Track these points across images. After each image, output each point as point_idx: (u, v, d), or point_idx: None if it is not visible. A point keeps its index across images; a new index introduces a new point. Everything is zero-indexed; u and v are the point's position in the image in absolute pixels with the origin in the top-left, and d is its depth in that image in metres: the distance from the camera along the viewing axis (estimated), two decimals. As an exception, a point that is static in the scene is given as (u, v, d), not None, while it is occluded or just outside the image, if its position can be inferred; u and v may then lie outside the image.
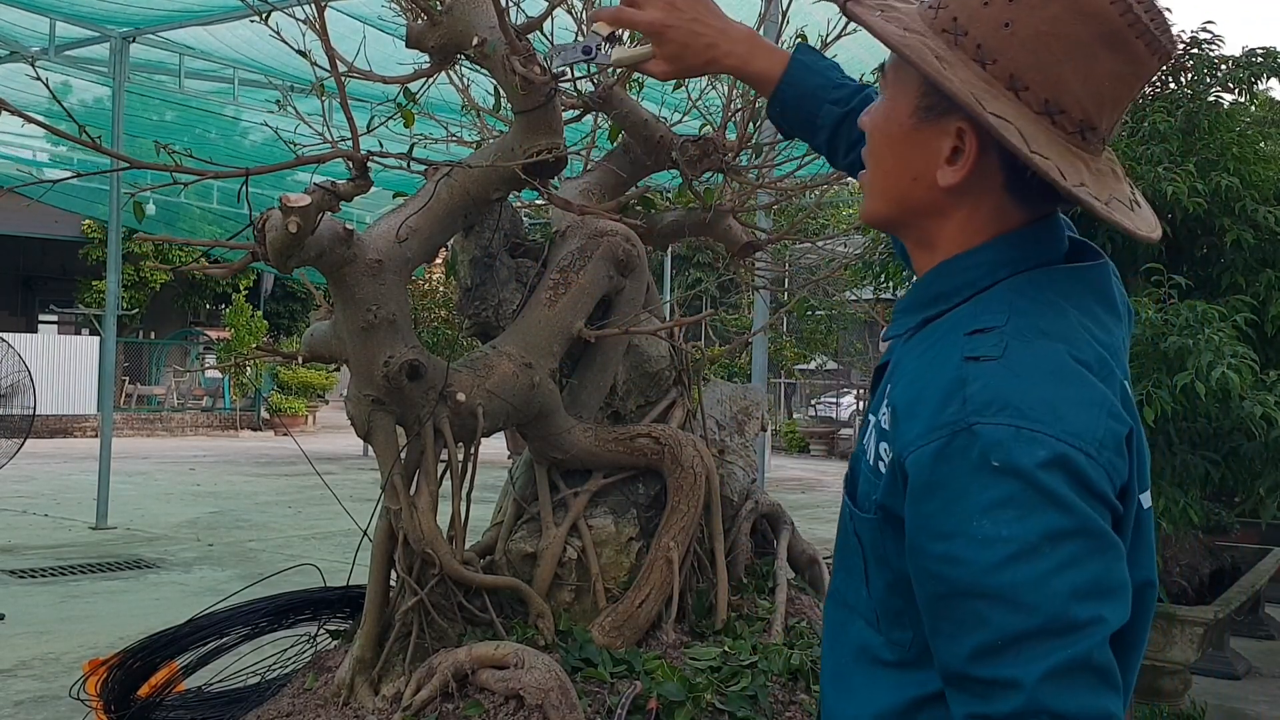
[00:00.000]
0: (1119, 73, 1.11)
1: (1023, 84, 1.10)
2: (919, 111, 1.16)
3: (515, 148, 2.33)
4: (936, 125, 1.14)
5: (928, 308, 1.20)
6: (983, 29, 1.11)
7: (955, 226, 1.18)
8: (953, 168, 1.14)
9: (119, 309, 11.42)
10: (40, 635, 5.88)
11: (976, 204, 1.16)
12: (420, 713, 2.22)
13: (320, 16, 2.13)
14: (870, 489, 1.13)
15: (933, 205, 1.18)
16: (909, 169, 1.18)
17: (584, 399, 2.72)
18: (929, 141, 1.15)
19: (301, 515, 10.68)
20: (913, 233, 1.24)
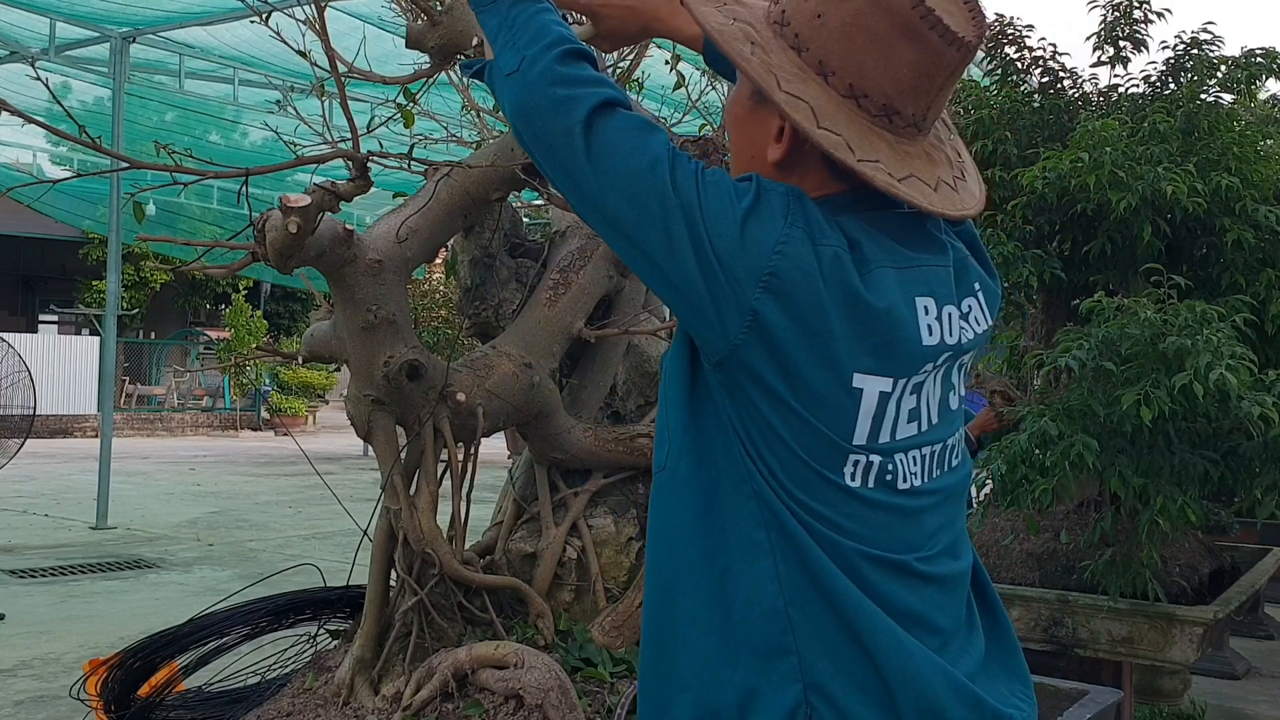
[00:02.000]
0: (917, 61, 1.21)
1: (830, 70, 1.21)
2: (754, 95, 1.27)
3: (515, 148, 2.33)
4: (766, 107, 1.25)
5: None
6: (800, 21, 1.23)
7: None
8: (778, 145, 1.25)
9: (119, 309, 11.41)
10: (40, 635, 5.88)
11: (803, 176, 1.25)
12: (420, 712, 2.22)
13: (320, 16, 2.13)
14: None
15: (770, 177, 1.25)
16: (749, 146, 1.30)
17: (584, 399, 2.72)
18: (763, 121, 1.26)
19: (301, 515, 10.68)
20: None
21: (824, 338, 1.14)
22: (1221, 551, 4.16)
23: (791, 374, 1.14)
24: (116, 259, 10.43)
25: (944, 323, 1.24)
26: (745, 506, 1.19)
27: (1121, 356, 3.16)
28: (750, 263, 1.14)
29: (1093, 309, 3.39)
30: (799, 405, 1.15)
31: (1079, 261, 4.04)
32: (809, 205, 1.19)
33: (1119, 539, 3.50)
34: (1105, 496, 3.75)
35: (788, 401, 1.15)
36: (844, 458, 1.17)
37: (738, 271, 1.14)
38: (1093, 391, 3.22)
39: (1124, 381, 3.13)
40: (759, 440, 1.17)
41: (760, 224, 1.15)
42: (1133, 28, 4.22)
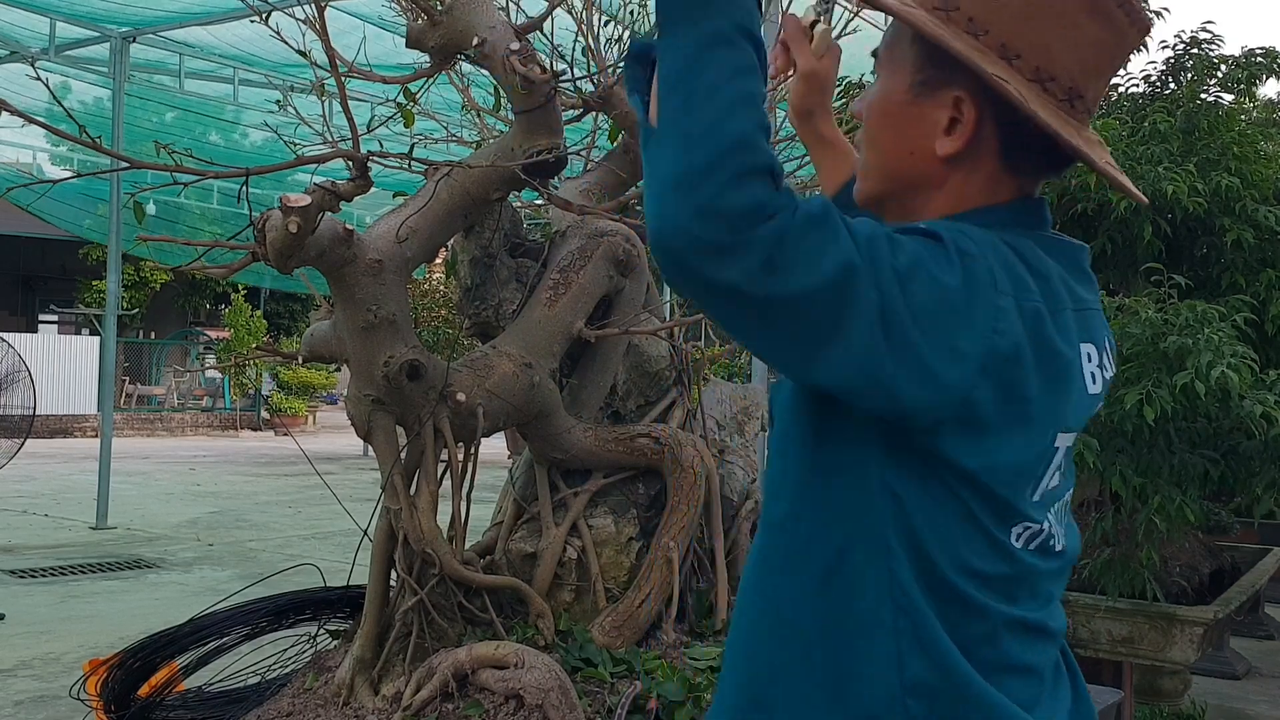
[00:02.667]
0: (1102, 40, 1.16)
1: (1014, 52, 1.14)
2: (914, 87, 1.19)
3: (515, 148, 2.33)
4: (933, 99, 1.18)
5: None
6: (972, 3, 1.15)
7: (945, 197, 1.20)
8: (950, 137, 1.17)
9: (119, 309, 11.41)
10: (40, 635, 5.88)
11: (970, 173, 1.19)
12: (420, 713, 2.22)
13: (320, 16, 2.13)
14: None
15: (928, 177, 1.20)
16: (906, 143, 1.21)
17: (584, 399, 2.72)
18: (926, 115, 1.18)
19: (301, 515, 10.68)
20: (900, 208, 1.25)
21: (1025, 402, 1.06)
22: (1221, 551, 4.16)
23: (989, 444, 1.05)
24: (116, 259, 10.43)
25: (1100, 371, 1.18)
26: (876, 578, 1.08)
27: (1122, 356, 3.16)
28: (967, 363, 1.02)
29: (1093, 309, 3.38)
30: (989, 475, 1.06)
31: (1079, 261, 4.03)
32: (1004, 254, 1.09)
33: (1119, 539, 3.50)
34: (1106, 496, 3.75)
35: (975, 470, 1.05)
36: (1017, 519, 1.10)
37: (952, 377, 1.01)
38: (1093, 391, 3.22)
39: (1125, 381, 3.13)
40: (922, 503, 1.07)
41: (973, 308, 1.03)
42: (1133, 27, 4.21)
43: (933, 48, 1.16)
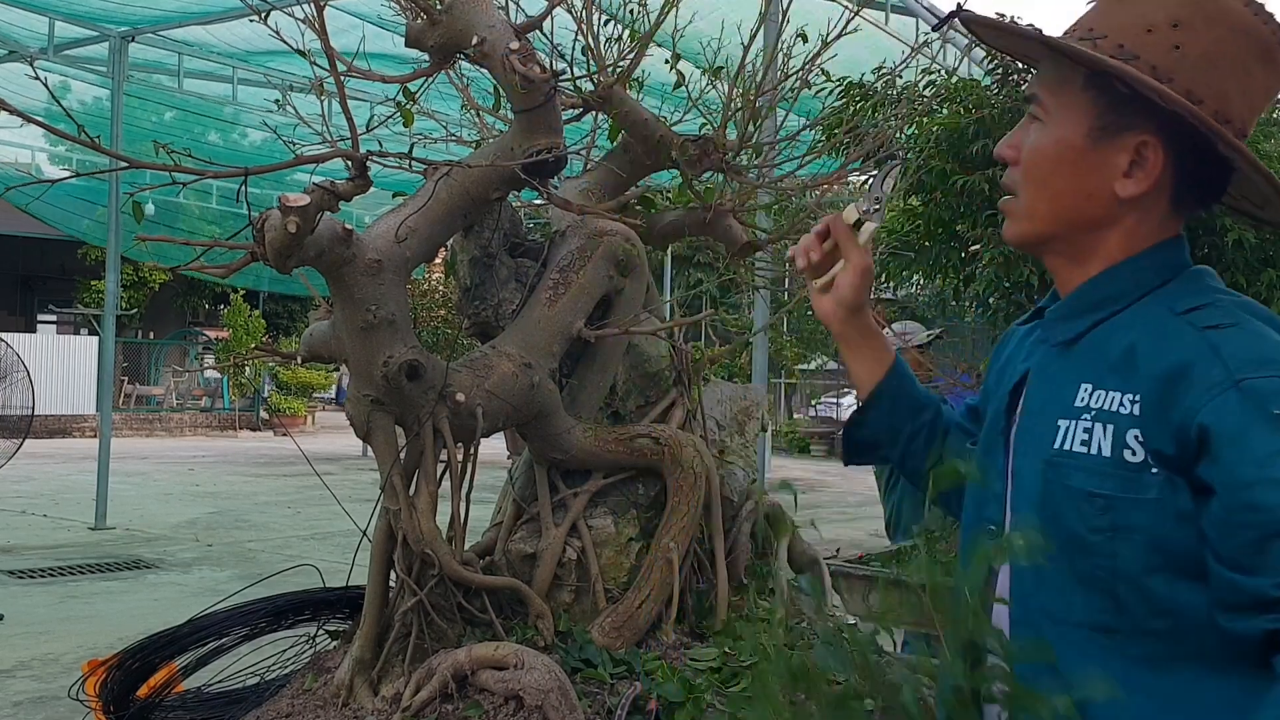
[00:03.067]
0: (1268, 85, 1.28)
1: (1198, 98, 1.22)
2: (1093, 133, 1.27)
3: (515, 147, 2.33)
4: (1113, 143, 1.26)
5: (1094, 311, 1.31)
6: (1153, 53, 1.23)
7: (1119, 236, 1.30)
8: (1131, 180, 1.26)
9: (118, 309, 11.41)
10: (39, 635, 5.88)
11: (1145, 213, 1.29)
12: (420, 713, 2.21)
13: (320, 16, 2.12)
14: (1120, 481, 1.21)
15: (1105, 218, 1.30)
16: (1083, 187, 1.29)
17: (584, 399, 2.71)
18: (1106, 159, 1.27)
19: (301, 515, 10.68)
20: (1068, 248, 1.34)
21: None
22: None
23: None
24: (115, 259, 10.42)
25: None
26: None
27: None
28: None
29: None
30: None
31: (1080, 261, 4.03)
32: None
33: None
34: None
35: None
36: None
37: None
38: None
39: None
40: None
41: None
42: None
43: (1114, 94, 1.25)
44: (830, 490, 14.83)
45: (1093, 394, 1.25)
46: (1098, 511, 1.22)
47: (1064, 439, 1.27)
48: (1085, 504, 1.23)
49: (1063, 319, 1.35)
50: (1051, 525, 1.26)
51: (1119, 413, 1.22)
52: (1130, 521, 1.20)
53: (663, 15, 2.63)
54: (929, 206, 4.46)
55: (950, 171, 4.18)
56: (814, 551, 3.13)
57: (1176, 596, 1.19)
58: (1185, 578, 1.18)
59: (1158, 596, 1.20)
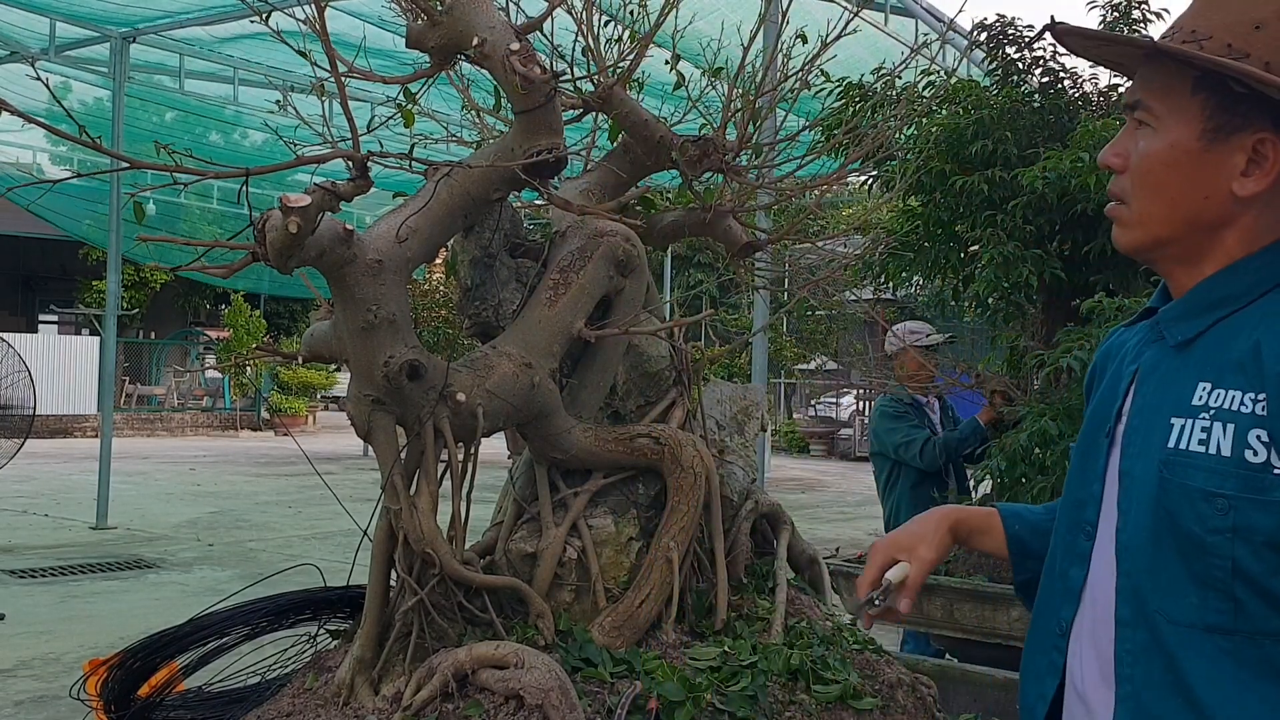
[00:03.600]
0: None
1: None
2: (1206, 134, 1.28)
3: (515, 148, 2.33)
4: (1227, 144, 1.27)
5: (1213, 311, 1.31)
6: (1265, 49, 1.23)
7: (1236, 235, 1.30)
8: (1250, 178, 1.27)
9: (119, 309, 11.41)
10: (40, 635, 5.88)
11: (1264, 208, 1.29)
12: (420, 713, 2.22)
13: (320, 17, 2.13)
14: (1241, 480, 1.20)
15: (1222, 217, 1.30)
16: (1200, 189, 1.29)
17: (584, 399, 2.72)
18: (1222, 160, 1.28)
19: (301, 515, 10.68)
20: (1184, 250, 1.34)
21: None
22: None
23: None
24: (116, 259, 10.43)
25: None
26: None
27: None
28: None
29: (1093, 309, 3.39)
30: None
31: (1079, 262, 4.04)
32: None
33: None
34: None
35: None
36: None
37: None
38: (1093, 391, 3.22)
39: (1124, 381, 3.12)
40: None
41: None
42: (1132, 28, 4.22)
43: (1226, 95, 1.25)
44: (829, 490, 14.83)
45: (1212, 393, 1.24)
46: (1218, 512, 1.21)
47: (1180, 438, 1.26)
48: (1204, 504, 1.22)
49: (1179, 319, 1.35)
50: (1167, 525, 1.26)
51: (1240, 411, 1.21)
52: (1252, 522, 1.19)
53: (663, 16, 2.64)
54: (928, 207, 4.46)
55: (949, 172, 4.18)
56: (813, 551, 3.13)
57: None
58: None
59: (1277, 596, 1.20)
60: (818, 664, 2.50)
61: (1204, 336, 1.30)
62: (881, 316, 6.12)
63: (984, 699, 2.98)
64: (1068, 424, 3.23)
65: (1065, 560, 1.44)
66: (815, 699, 2.41)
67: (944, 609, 3.74)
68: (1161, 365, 1.34)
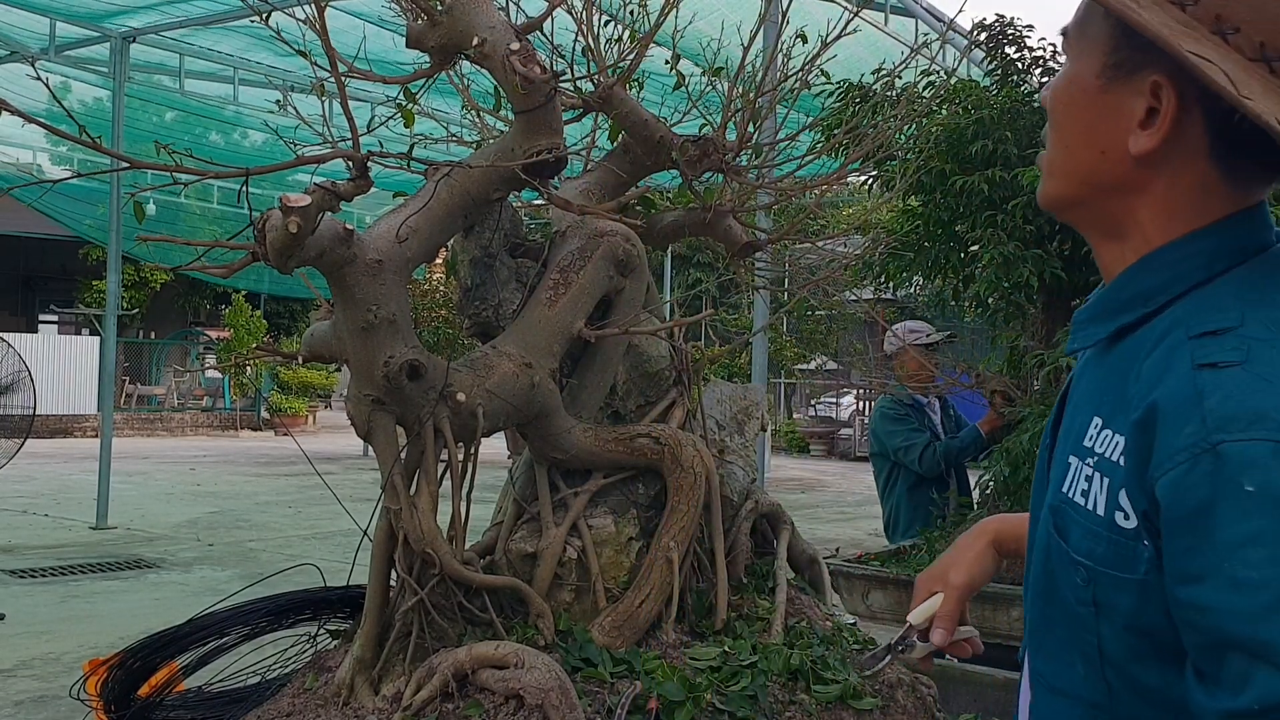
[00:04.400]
0: None
1: (1231, 25, 0.94)
2: (1106, 70, 1.03)
3: (515, 148, 2.33)
4: (1127, 84, 1.01)
5: (1123, 313, 1.05)
6: None
7: (1152, 206, 1.03)
8: (1147, 131, 1.00)
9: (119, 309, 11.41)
10: (40, 635, 5.88)
11: (1176, 176, 1.01)
12: (420, 713, 2.22)
13: (320, 16, 2.13)
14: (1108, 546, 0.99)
15: (1124, 180, 1.04)
16: (1096, 139, 1.04)
17: (584, 399, 2.72)
18: (1119, 104, 1.02)
19: (301, 515, 10.68)
20: (1098, 218, 1.09)
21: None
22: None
23: None
24: (116, 259, 10.43)
25: None
26: None
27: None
28: None
29: (1093, 309, 3.38)
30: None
31: (1079, 261, 4.04)
32: None
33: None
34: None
35: None
36: None
37: None
38: (1093, 391, 3.21)
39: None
40: None
41: None
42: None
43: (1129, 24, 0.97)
44: (829, 490, 14.83)
45: (1100, 432, 1.01)
46: (1082, 583, 1.01)
47: (1070, 482, 1.04)
48: (1072, 570, 1.03)
49: (1090, 320, 1.11)
50: (1049, 584, 1.07)
51: (1118, 464, 0.97)
52: (1112, 600, 0.99)
53: (663, 16, 2.64)
54: (928, 207, 4.46)
55: (949, 172, 4.18)
56: (813, 551, 3.13)
57: (1170, 690, 0.96)
58: (1182, 670, 0.94)
59: (1147, 687, 0.99)
60: (818, 664, 2.50)
61: (1118, 348, 1.05)
62: (881, 316, 6.13)
63: (984, 699, 2.99)
64: (1068, 424, 3.23)
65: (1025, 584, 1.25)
66: (815, 699, 2.41)
67: (944, 609, 3.73)
68: (1083, 379, 1.12)
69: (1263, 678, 0.84)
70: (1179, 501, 0.90)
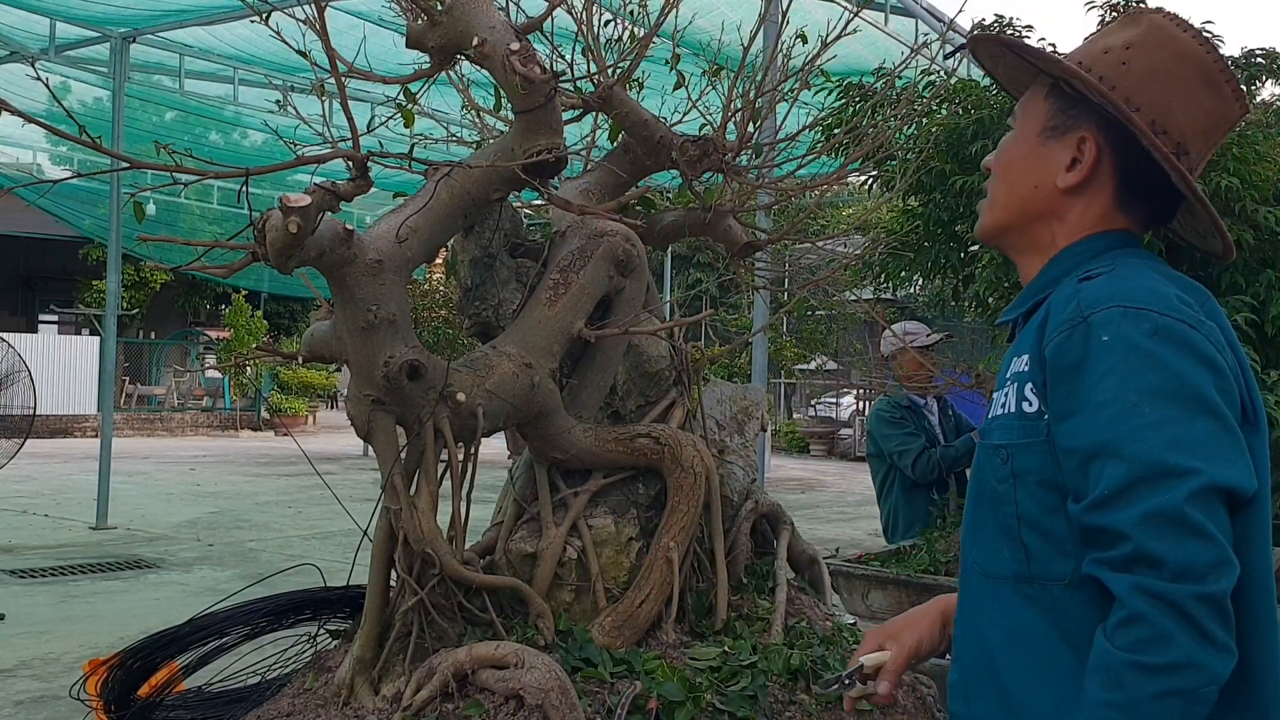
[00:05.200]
0: (1211, 108, 1.39)
1: (1135, 106, 1.37)
2: (1045, 131, 1.45)
3: (515, 148, 2.33)
4: (1059, 141, 1.43)
5: (1040, 293, 1.42)
6: (1104, 67, 1.39)
7: (1067, 228, 1.43)
8: (1071, 172, 1.41)
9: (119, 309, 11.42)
10: (40, 635, 5.88)
11: (1088, 205, 1.42)
12: (420, 713, 2.22)
13: (320, 16, 2.13)
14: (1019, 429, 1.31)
15: (1050, 208, 1.43)
16: (1031, 178, 1.45)
17: (584, 399, 2.72)
18: (1052, 155, 1.43)
19: (301, 515, 10.68)
20: (1024, 239, 1.48)
21: None
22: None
23: None
24: (116, 259, 10.43)
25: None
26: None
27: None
28: None
29: (1093, 309, 3.38)
30: None
31: (1079, 261, 4.03)
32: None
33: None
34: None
35: None
36: None
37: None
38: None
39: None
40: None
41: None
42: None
43: (1065, 100, 1.43)
44: (829, 490, 14.83)
45: (1014, 360, 1.37)
46: (1001, 462, 1.33)
47: (994, 408, 1.40)
48: (994, 457, 1.35)
49: (1019, 302, 1.48)
50: (979, 485, 1.40)
51: (1023, 372, 1.33)
52: (1024, 465, 1.30)
53: (663, 16, 2.64)
54: (928, 207, 4.46)
55: (949, 172, 4.18)
56: (813, 551, 3.13)
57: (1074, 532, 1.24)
58: None
59: (1058, 537, 1.26)
60: (818, 664, 2.50)
61: (1034, 313, 1.41)
62: (881, 316, 6.12)
63: (984, 699, 2.98)
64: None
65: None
66: (815, 699, 2.41)
67: (944, 609, 3.73)
68: (1008, 354, 1.47)
69: (1110, 469, 1.16)
70: (1060, 359, 1.26)
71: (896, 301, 12.73)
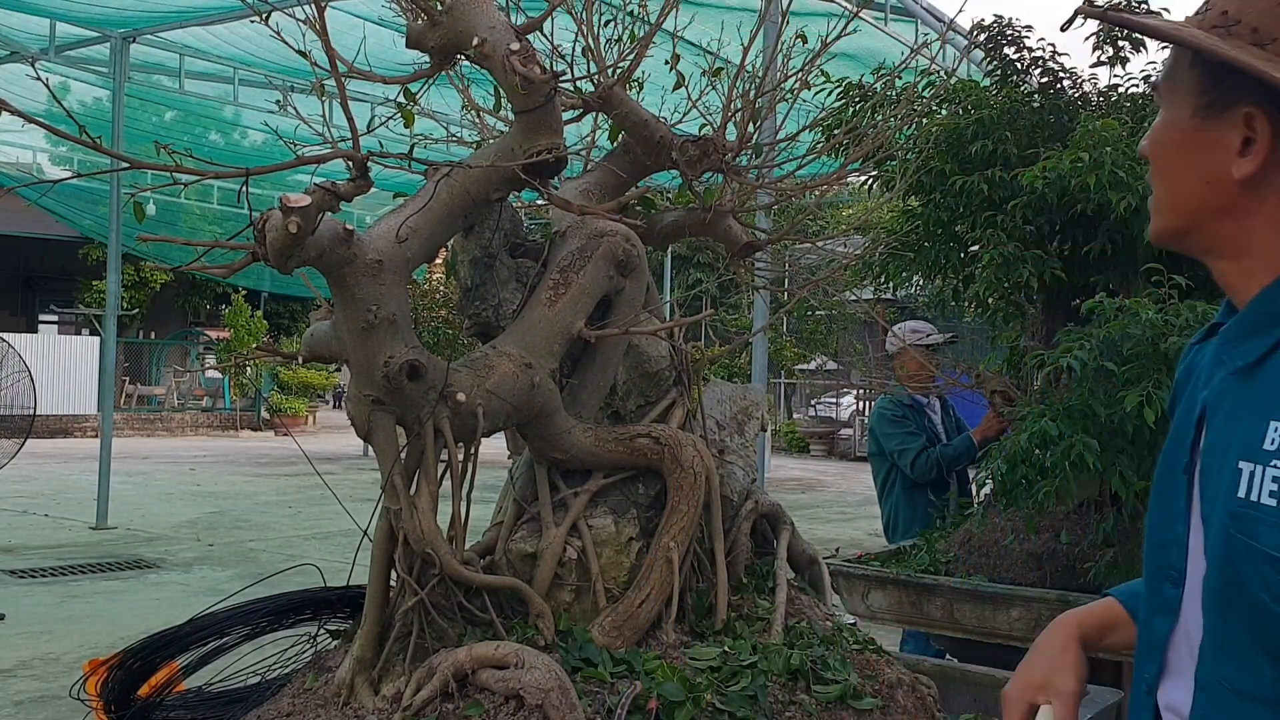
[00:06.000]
0: None
1: None
2: (1200, 111, 1.15)
3: (515, 148, 2.33)
4: (1221, 119, 1.14)
5: (1274, 327, 1.14)
6: (1254, 14, 1.10)
7: (1266, 225, 1.15)
8: (1246, 157, 1.12)
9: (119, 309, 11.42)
10: (40, 635, 5.88)
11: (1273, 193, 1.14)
12: (420, 713, 2.22)
13: (320, 16, 2.13)
14: None
15: (1232, 205, 1.15)
16: (1199, 172, 1.16)
17: (584, 399, 2.72)
18: (1217, 139, 1.14)
19: (301, 515, 10.68)
20: (1213, 242, 1.20)
21: None
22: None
23: None
24: (116, 259, 10.43)
25: None
26: None
27: (1123, 357, 3.16)
28: None
29: (1093, 309, 3.39)
30: None
31: (1079, 262, 4.04)
32: None
33: (1121, 540, 3.50)
34: (1106, 497, 3.75)
35: None
36: None
37: None
38: (1094, 392, 3.22)
39: (1125, 382, 3.13)
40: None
41: None
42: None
43: (1216, 67, 1.12)
44: (829, 490, 14.84)
45: (1273, 430, 1.08)
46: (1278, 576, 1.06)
47: (1249, 487, 1.09)
48: (1269, 569, 1.06)
49: (1239, 339, 1.18)
50: (1234, 589, 1.10)
51: None
52: None
53: (663, 16, 2.64)
54: (928, 207, 4.46)
55: (949, 172, 4.18)
56: (813, 551, 3.13)
57: None
58: None
59: None
60: (818, 664, 2.50)
61: (1270, 360, 1.13)
62: (881, 316, 6.12)
63: (984, 699, 2.98)
64: (1068, 424, 3.23)
65: (1150, 608, 1.28)
66: (815, 699, 2.41)
67: (944, 609, 3.74)
68: (1228, 395, 1.18)
69: None
70: None
71: (896, 301, 12.73)
